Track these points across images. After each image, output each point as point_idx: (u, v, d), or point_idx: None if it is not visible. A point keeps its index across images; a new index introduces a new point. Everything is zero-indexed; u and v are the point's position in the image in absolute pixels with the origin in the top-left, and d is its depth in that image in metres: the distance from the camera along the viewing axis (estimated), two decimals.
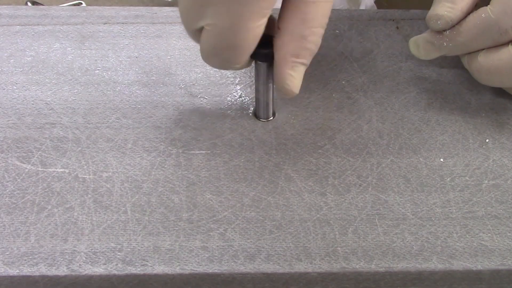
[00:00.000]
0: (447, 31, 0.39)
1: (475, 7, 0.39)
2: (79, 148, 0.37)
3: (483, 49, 0.38)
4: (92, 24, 0.46)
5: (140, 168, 0.37)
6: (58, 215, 0.34)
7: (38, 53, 0.43)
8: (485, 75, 0.39)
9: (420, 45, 0.41)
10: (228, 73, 0.43)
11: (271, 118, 0.40)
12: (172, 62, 0.43)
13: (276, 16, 0.34)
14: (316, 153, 0.38)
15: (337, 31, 0.46)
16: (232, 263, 0.33)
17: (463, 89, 0.42)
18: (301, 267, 0.33)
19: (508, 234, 0.34)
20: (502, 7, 0.36)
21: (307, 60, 0.34)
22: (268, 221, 0.34)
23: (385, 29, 0.46)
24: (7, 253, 0.33)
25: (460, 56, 0.40)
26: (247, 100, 0.41)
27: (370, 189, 0.36)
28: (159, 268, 0.32)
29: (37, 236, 0.33)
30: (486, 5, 0.37)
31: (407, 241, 0.34)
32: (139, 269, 0.32)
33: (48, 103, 0.40)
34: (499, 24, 0.36)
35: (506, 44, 0.37)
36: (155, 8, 0.47)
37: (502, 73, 0.38)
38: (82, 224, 0.34)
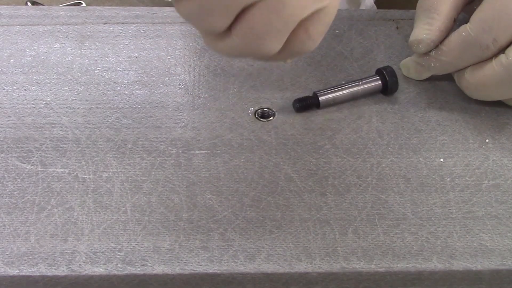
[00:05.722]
0: (432, 52, 0.40)
1: (454, 22, 0.39)
2: (79, 148, 0.37)
3: (470, 66, 0.39)
4: (92, 24, 0.46)
5: (140, 168, 0.37)
6: (58, 215, 0.34)
7: (38, 53, 0.43)
8: (474, 91, 0.39)
9: (411, 67, 0.42)
10: (228, 73, 0.43)
11: (271, 118, 0.40)
12: (172, 62, 0.43)
13: None
14: (316, 153, 0.38)
15: (337, 31, 0.46)
16: (232, 263, 0.33)
17: None
18: (301, 267, 0.33)
19: (508, 234, 0.34)
20: (479, 25, 0.37)
21: None
22: (268, 221, 0.34)
23: (385, 29, 0.46)
24: (7, 253, 0.33)
25: (452, 74, 0.41)
26: (247, 100, 0.41)
27: (370, 189, 0.36)
28: (159, 268, 0.32)
29: (37, 236, 0.33)
30: (466, 22, 0.38)
31: (407, 241, 0.34)
32: (139, 269, 0.32)
33: (48, 103, 0.40)
34: (479, 41, 0.37)
35: (490, 59, 0.38)
36: (155, 8, 0.47)
37: (489, 88, 0.38)
38: (82, 224, 0.34)
